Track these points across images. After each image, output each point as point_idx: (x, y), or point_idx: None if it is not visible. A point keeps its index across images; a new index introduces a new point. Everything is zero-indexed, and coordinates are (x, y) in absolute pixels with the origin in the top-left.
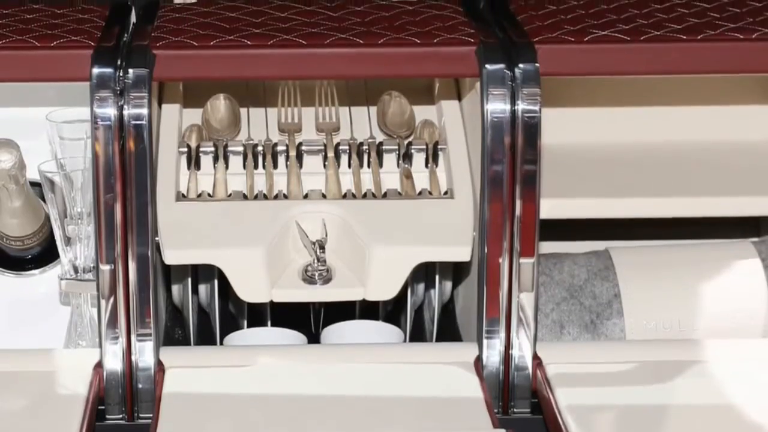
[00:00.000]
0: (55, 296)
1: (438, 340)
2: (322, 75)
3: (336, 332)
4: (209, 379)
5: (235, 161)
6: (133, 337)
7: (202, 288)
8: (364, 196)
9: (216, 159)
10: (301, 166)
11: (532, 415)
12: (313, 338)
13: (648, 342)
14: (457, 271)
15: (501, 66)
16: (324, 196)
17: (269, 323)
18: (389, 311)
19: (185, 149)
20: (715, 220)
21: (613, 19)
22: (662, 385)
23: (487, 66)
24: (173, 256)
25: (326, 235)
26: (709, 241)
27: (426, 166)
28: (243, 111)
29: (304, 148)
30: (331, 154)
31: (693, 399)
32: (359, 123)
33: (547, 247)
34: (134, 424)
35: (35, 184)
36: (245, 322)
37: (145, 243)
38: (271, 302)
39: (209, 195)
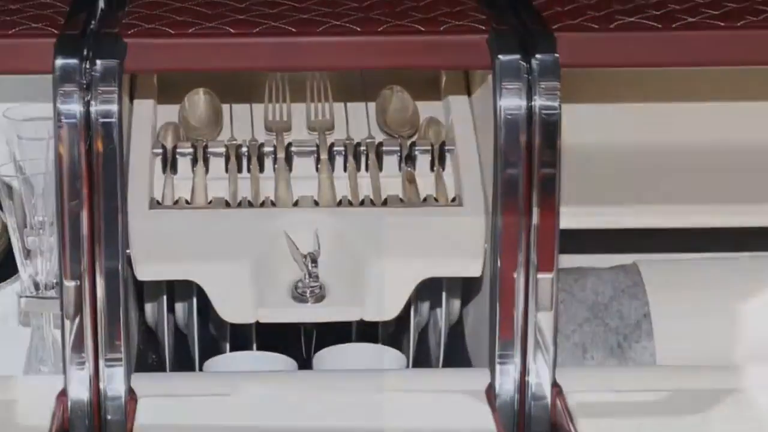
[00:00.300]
0: (14, 316)
1: (445, 365)
2: (314, 66)
3: (330, 357)
4: (187, 409)
5: (217, 164)
6: (101, 362)
7: (179, 307)
8: (362, 203)
9: (195, 161)
10: (290, 170)
11: None
12: (305, 363)
13: (682, 368)
14: (466, 288)
15: (516, 56)
16: (316, 204)
17: (255, 346)
18: (390, 333)
19: (160, 150)
20: (757, 230)
21: (642, 4)
22: (698, 416)
23: (500, 56)
24: (146, 270)
25: (319, 248)
26: (751, 254)
27: (431, 169)
28: (225, 107)
29: (293, 149)
30: (324, 155)
31: None
32: (356, 121)
33: (567, 260)
34: None
35: None
36: (227, 346)
37: (115, 256)
38: (257, 323)
39: (187, 202)
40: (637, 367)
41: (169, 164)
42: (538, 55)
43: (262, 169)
